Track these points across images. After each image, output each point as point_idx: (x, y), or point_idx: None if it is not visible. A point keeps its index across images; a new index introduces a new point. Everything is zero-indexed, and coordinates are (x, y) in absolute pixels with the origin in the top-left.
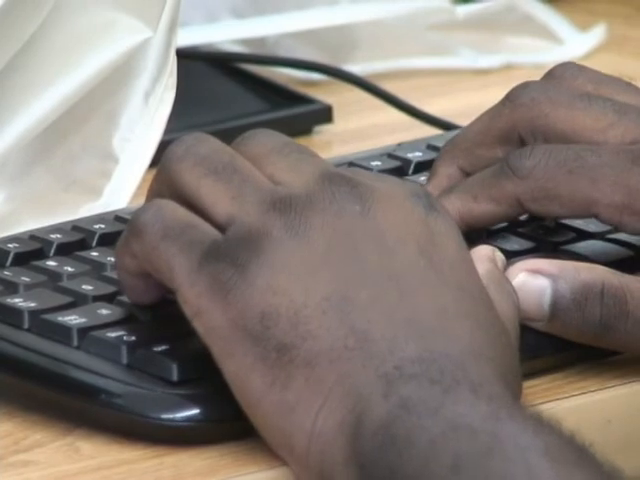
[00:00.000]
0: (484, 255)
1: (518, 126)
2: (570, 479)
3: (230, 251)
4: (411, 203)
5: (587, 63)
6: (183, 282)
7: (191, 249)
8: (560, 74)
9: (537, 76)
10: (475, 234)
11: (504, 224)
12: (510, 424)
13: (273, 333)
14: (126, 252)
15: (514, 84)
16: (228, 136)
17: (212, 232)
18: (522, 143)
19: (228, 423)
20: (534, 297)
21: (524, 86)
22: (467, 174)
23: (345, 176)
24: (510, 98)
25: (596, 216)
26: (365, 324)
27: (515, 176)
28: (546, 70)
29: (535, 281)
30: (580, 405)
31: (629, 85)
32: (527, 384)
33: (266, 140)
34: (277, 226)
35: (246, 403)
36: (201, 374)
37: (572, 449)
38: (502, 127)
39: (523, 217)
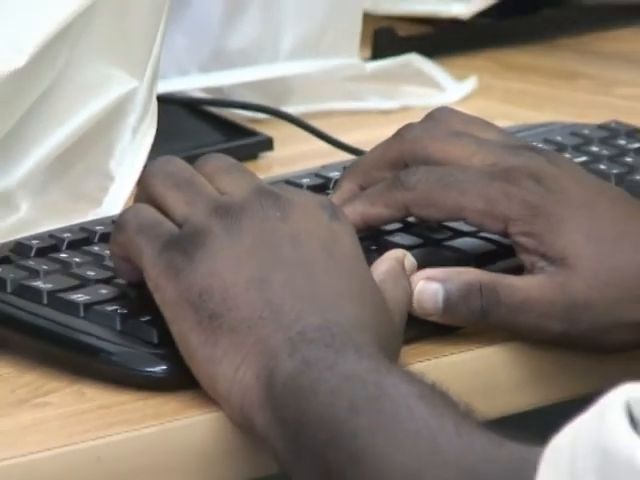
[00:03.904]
0: (393, 255)
1: (405, 155)
2: (440, 416)
3: (182, 243)
4: (319, 212)
5: (462, 106)
6: (148, 264)
7: (156, 240)
8: (437, 116)
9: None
10: (376, 232)
11: (400, 225)
12: (390, 376)
13: (208, 305)
14: (114, 242)
15: (408, 122)
16: (194, 159)
17: (172, 228)
18: (407, 169)
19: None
20: (430, 298)
21: (409, 126)
22: (363, 190)
23: (271, 190)
24: (399, 134)
25: (464, 219)
26: (278, 299)
27: (403, 188)
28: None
29: (430, 286)
30: (454, 362)
31: (489, 124)
32: (414, 346)
33: (217, 162)
34: (217, 226)
35: (186, 356)
36: None
37: (438, 394)
38: (392, 156)
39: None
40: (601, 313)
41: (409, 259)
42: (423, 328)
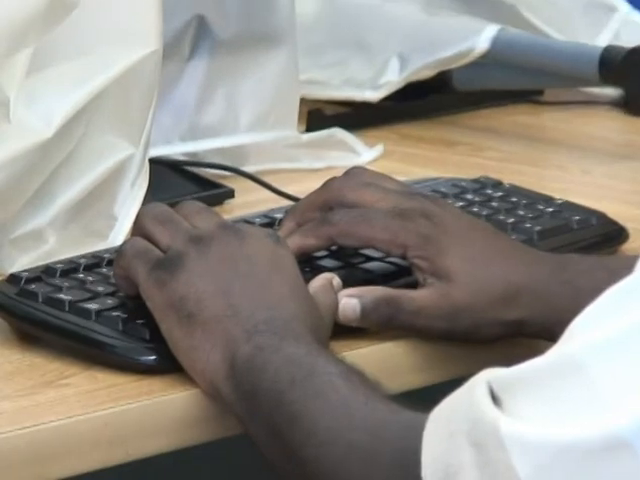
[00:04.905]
0: (324, 277)
1: (330, 201)
2: (354, 389)
3: (166, 264)
4: (267, 240)
5: (372, 166)
6: (142, 280)
7: (147, 263)
8: (353, 172)
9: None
10: (309, 258)
11: (326, 252)
12: (320, 359)
13: (186, 307)
14: (117, 265)
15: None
16: (175, 205)
17: (159, 254)
18: (332, 210)
19: (178, 362)
20: (351, 309)
21: (333, 179)
22: (300, 226)
23: (232, 225)
24: (325, 185)
25: (374, 247)
26: (237, 302)
27: (329, 224)
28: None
29: (351, 301)
30: (366, 352)
31: (391, 178)
32: (336, 342)
33: (192, 206)
34: (192, 251)
35: (171, 346)
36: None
37: (354, 373)
38: (320, 201)
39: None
40: (476, 315)
41: (336, 279)
42: (343, 327)
